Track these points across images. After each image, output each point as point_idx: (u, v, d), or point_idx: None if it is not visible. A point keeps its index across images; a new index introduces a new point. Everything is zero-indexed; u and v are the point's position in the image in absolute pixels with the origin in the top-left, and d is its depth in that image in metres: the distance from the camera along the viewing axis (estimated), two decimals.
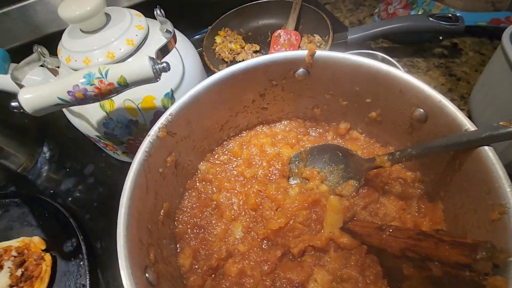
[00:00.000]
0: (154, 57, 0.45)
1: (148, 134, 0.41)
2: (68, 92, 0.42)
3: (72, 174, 0.72)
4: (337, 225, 0.44)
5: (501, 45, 0.51)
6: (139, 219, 0.36)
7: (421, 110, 0.40)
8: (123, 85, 0.44)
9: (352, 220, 0.46)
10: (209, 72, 0.73)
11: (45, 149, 0.78)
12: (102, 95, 0.44)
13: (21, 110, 0.43)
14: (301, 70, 0.49)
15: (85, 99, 0.44)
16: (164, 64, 0.45)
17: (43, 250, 0.57)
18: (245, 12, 0.90)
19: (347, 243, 0.42)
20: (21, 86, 0.47)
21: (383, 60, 0.42)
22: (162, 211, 0.44)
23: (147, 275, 0.33)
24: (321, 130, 0.59)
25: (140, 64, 0.43)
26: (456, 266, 0.29)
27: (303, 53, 0.46)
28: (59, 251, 0.58)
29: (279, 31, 0.84)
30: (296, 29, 0.85)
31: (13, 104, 0.43)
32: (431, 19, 0.67)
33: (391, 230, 0.38)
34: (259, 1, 0.90)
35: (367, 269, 0.40)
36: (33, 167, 0.75)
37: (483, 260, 0.27)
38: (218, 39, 0.87)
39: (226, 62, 0.84)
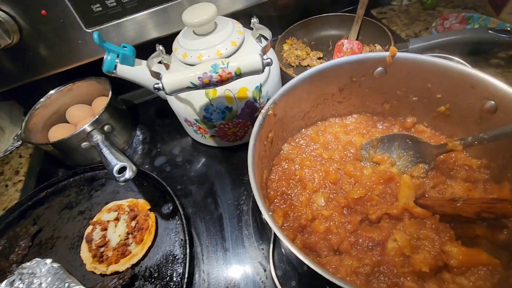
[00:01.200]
0: (261, 54, 0.57)
1: (261, 112, 0.52)
2: (199, 78, 0.55)
3: (162, 153, 0.85)
4: (410, 198, 0.52)
5: None
6: (258, 173, 0.47)
7: (492, 102, 0.48)
8: (238, 75, 0.56)
9: (423, 196, 0.53)
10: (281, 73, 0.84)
11: (138, 132, 0.93)
12: (221, 82, 0.56)
13: (162, 90, 0.56)
14: (379, 68, 0.58)
15: (209, 84, 0.56)
16: (269, 60, 0.56)
17: (148, 210, 0.69)
18: (310, 24, 1.02)
19: (421, 213, 0.50)
20: (155, 74, 0.61)
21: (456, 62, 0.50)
22: (264, 177, 0.54)
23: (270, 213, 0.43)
24: (387, 124, 0.67)
25: (253, 59, 0.55)
26: None
27: (384, 54, 0.55)
28: (159, 212, 0.70)
29: (342, 40, 0.94)
30: (357, 39, 0.95)
31: (156, 86, 0.56)
32: (490, 31, 0.74)
33: (464, 200, 0.45)
34: (322, 15, 1.01)
35: (441, 232, 0.47)
36: (129, 147, 0.89)
37: None
38: (285, 47, 0.99)
39: (293, 66, 0.96)
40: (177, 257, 0.63)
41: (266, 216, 0.39)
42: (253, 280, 0.59)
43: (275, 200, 0.57)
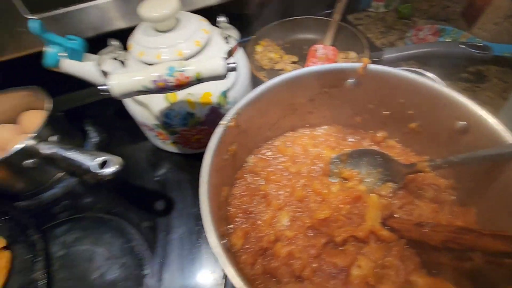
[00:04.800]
0: (226, 57, 0.51)
1: (221, 122, 0.47)
2: (153, 81, 0.48)
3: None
4: (377, 220, 0.49)
5: None
6: (213, 195, 0.41)
7: (463, 122, 0.46)
8: (197, 79, 0.50)
9: (390, 217, 0.51)
10: (252, 77, 0.79)
11: (92, 134, 0.84)
12: (178, 86, 0.50)
13: (108, 93, 0.49)
14: (351, 80, 0.55)
15: (163, 89, 0.50)
16: (234, 65, 0.51)
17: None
18: (285, 25, 0.97)
19: (387, 236, 0.47)
20: (105, 73, 0.54)
21: (430, 79, 0.48)
22: (223, 193, 0.49)
23: (223, 242, 0.38)
24: (358, 137, 0.64)
25: (215, 63, 0.50)
26: (498, 254, 0.34)
27: (357, 65, 0.52)
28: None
29: (316, 45, 0.91)
30: (332, 45, 0.92)
31: (101, 87, 0.49)
32: (461, 46, 0.73)
33: (431, 226, 0.43)
34: (299, 17, 0.97)
35: (407, 260, 0.44)
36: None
37: None
38: (258, 48, 0.94)
39: (265, 69, 0.91)
40: None
41: (215, 248, 0.34)
42: None
43: (236, 219, 0.53)
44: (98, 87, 0.49)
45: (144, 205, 0.68)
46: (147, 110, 0.63)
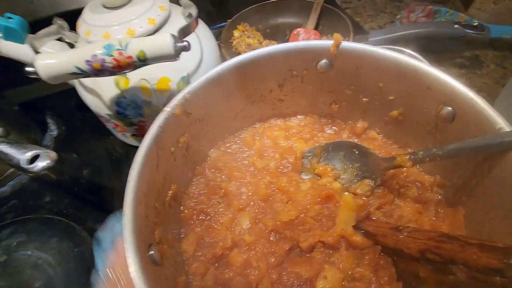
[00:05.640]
0: (176, 35, 0.44)
1: (163, 109, 0.40)
2: (86, 61, 0.41)
3: (77, 153, 0.71)
4: (350, 223, 0.42)
5: None
6: (147, 195, 0.35)
7: (449, 108, 0.39)
8: (142, 60, 0.43)
9: (366, 219, 0.44)
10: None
11: (52, 127, 0.77)
12: (120, 68, 0.43)
13: (36, 76, 0.42)
14: (324, 61, 0.47)
15: (102, 71, 0.43)
16: (185, 43, 0.44)
17: None
18: (266, 9, 0.89)
19: (360, 242, 0.40)
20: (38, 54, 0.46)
21: (410, 56, 0.41)
22: (170, 192, 0.42)
23: (151, 252, 0.31)
24: (336, 128, 0.57)
25: (161, 40, 0.42)
26: (485, 271, 0.27)
27: (328, 43, 0.45)
28: None
29: (298, 29, 0.83)
30: (316, 29, 0.84)
31: (28, 69, 0.42)
32: (456, 26, 0.66)
33: (409, 231, 0.36)
34: (280, 0, 0.89)
35: (381, 270, 0.37)
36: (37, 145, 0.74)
37: None
38: (236, 33, 0.86)
39: None
40: None
41: (132, 266, 0.27)
42: None
43: (190, 222, 0.46)
44: (25, 69, 0.42)
45: (100, 205, 0.62)
46: (97, 98, 0.56)
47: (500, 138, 0.32)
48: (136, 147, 0.36)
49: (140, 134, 0.63)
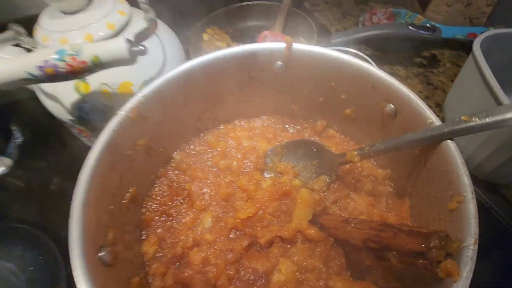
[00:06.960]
0: (132, 39, 0.45)
1: (117, 113, 0.40)
2: (39, 67, 0.41)
3: (43, 160, 0.70)
4: (306, 218, 0.44)
5: (472, 53, 0.53)
6: (99, 198, 0.35)
7: (391, 105, 0.41)
8: (97, 65, 0.43)
9: (323, 214, 0.46)
10: None
11: (17, 135, 0.75)
12: (74, 73, 0.43)
13: None
14: (278, 63, 0.49)
15: (55, 76, 0.43)
16: (142, 47, 0.44)
17: None
18: (234, 12, 0.91)
19: (314, 235, 0.42)
20: None
21: (356, 56, 0.43)
22: (128, 195, 0.43)
23: (101, 254, 0.32)
24: (299, 127, 0.59)
25: (116, 45, 0.43)
26: (411, 254, 0.29)
27: (280, 45, 0.46)
28: None
29: (265, 32, 0.85)
30: (283, 32, 0.86)
31: None
32: (411, 27, 0.69)
33: (355, 223, 0.38)
34: (248, 3, 0.91)
35: (332, 261, 0.39)
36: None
37: (436, 248, 0.27)
38: (205, 36, 0.87)
39: None
40: None
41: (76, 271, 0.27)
42: None
43: (151, 223, 0.46)
44: None
45: (66, 212, 0.61)
46: (57, 103, 0.55)
47: (431, 131, 0.34)
48: None
49: None
